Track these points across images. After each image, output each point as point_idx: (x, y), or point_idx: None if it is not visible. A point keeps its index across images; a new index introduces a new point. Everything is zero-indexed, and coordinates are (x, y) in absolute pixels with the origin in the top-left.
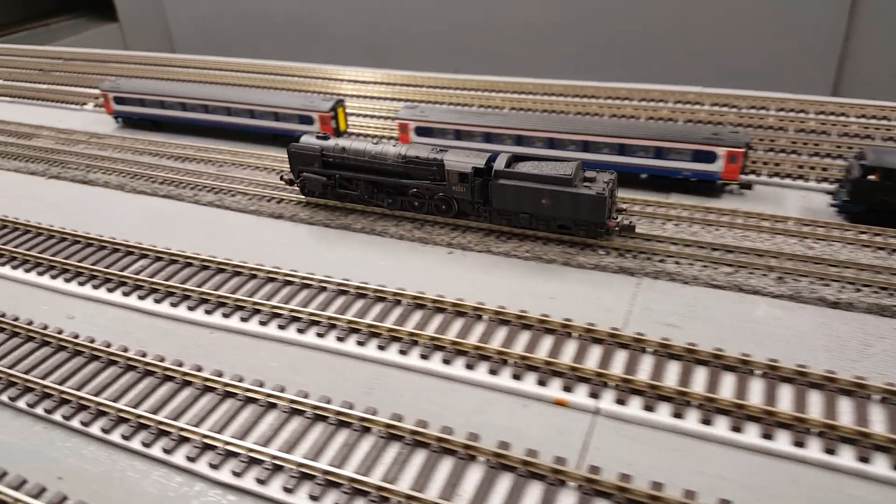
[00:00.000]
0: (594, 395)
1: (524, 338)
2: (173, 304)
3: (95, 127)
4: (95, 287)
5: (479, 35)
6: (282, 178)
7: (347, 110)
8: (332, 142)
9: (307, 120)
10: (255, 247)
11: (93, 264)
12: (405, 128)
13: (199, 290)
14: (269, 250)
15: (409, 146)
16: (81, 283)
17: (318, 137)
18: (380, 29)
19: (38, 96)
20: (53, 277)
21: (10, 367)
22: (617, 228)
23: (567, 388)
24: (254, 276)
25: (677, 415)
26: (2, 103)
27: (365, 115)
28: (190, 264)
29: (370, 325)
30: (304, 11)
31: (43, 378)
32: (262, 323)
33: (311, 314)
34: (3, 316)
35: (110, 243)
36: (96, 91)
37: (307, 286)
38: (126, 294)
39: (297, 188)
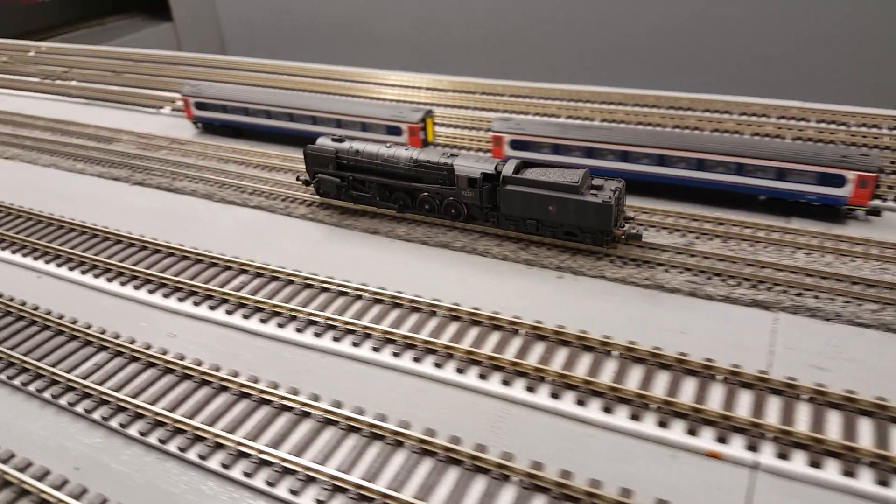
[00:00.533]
0: (752, 448)
1: (663, 379)
2: (280, 325)
3: (174, 132)
4: (196, 304)
5: (535, 40)
6: (298, 179)
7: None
8: (346, 144)
9: (396, 131)
10: (353, 263)
11: (191, 279)
12: (499, 140)
13: (306, 310)
14: (366, 266)
15: (420, 150)
16: (181, 300)
17: (333, 140)
18: (430, 32)
19: (113, 98)
20: (151, 292)
21: (117, 390)
22: (623, 237)
23: (721, 439)
24: (359, 297)
25: (848, 473)
26: (78, 105)
27: (451, 126)
28: (291, 282)
29: (490, 357)
30: (353, 16)
31: (152, 403)
32: (375, 349)
33: (426, 342)
34: (104, 333)
35: (207, 257)
36: (173, 94)
37: (417, 310)
38: (229, 312)
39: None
